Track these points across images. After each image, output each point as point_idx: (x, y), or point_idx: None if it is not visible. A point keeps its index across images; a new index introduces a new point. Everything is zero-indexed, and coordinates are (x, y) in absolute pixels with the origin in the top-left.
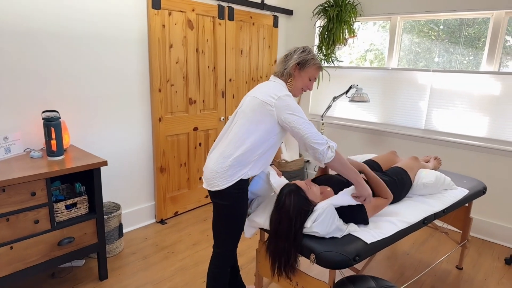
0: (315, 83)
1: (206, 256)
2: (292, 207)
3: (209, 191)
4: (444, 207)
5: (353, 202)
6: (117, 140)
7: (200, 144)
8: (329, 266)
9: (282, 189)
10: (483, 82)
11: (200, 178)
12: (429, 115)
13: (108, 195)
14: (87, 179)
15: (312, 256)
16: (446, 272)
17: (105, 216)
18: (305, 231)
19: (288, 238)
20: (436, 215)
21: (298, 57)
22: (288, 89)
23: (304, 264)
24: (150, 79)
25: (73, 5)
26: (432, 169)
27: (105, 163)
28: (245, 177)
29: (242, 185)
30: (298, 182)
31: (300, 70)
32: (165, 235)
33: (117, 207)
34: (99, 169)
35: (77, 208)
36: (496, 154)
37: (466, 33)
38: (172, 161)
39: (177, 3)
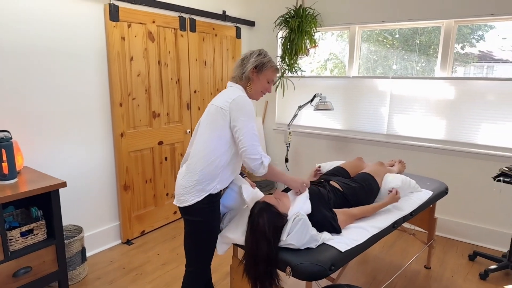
0: (280, 92)
1: (178, 275)
2: (267, 227)
3: (179, 207)
4: (411, 210)
5: (307, 204)
6: (76, 159)
7: (166, 158)
8: (306, 278)
9: (252, 209)
10: (438, 87)
11: (168, 194)
12: (391, 120)
13: (68, 218)
14: (44, 203)
15: (288, 269)
16: (416, 272)
17: (65, 241)
18: (280, 244)
19: (269, 260)
20: (404, 218)
21: (255, 61)
22: (248, 93)
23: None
24: (110, 93)
25: (22, 18)
26: (397, 173)
27: (63, 184)
28: (214, 192)
29: (213, 200)
30: (267, 198)
31: (258, 74)
32: (132, 256)
33: (78, 230)
34: (57, 191)
35: (34, 235)
36: (454, 155)
37: (418, 41)
38: (137, 178)
39: (136, 15)
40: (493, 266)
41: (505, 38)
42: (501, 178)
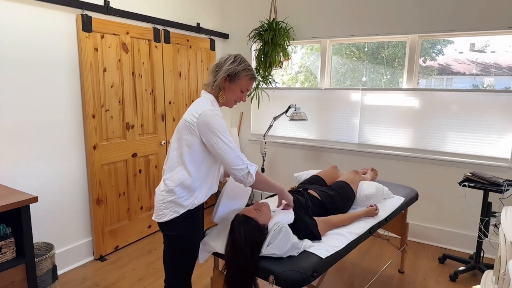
0: (255, 103)
1: None
2: (244, 241)
3: (158, 222)
4: (386, 216)
5: (291, 213)
6: (47, 173)
7: (140, 171)
8: (289, 286)
9: (233, 221)
10: (405, 98)
11: (142, 208)
12: (362, 130)
13: (38, 235)
14: (13, 219)
15: (271, 277)
16: (390, 277)
17: (36, 259)
18: (262, 253)
19: (247, 272)
20: (380, 224)
21: (228, 69)
22: (220, 102)
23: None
24: (83, 105)
25: None
26: (370, 180)
27: (34, 200)
28: (192, 207)
29: (191, 215)
30: (247, 211)
31: (231, 83)
32: (106, 273)
33: (49, 247)
34: (27, 207)
35: (2, 254)
36: (422, 162)
37: (383, 55)
38: (110, 191)
39: (109, 26)
40: (461, 268)
41: (462, 52)
42: (466, 183)
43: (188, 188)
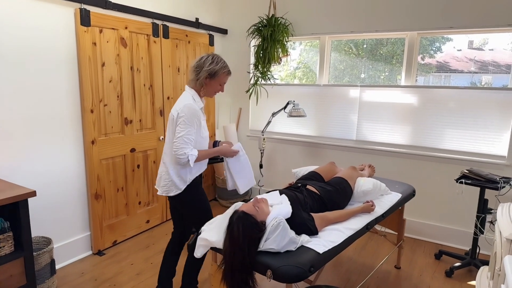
0: (254, 99)
1: (153, 285)
2: (242, 237)
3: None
4: (383, 212)
5: (289, 207)
6: (45, 167)
7: (138, 166)
8: (287, 280)
9: (231, 217)
10: (403, 95)
11: (140, 203)
12: (360, 126)
13: (36, 229)
14: (11, 213)
15: (269, 272)
16: (387, 272)
17: (34, 253)
18: (260, 248)
19: (245, 268)
20: (377, 220)
21: (208, 69)
22: (201, 95)
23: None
24: (81, 100)
25: None
26: (368, 177)
27: (33, 194)
28: (191, 180)
29: (192, 184)
30: (246, 207)
31: (211, 79)
32: (104, 267)
33: (47, 241)
34: (26, 201)
35: (0, 248)
36: (419, 159)
37: (382, 52)
38: (108, 186)
39: (108, 20)
40: (457, 264)
41: (460, 50)
42: (463, 180)
43: (183, 169)
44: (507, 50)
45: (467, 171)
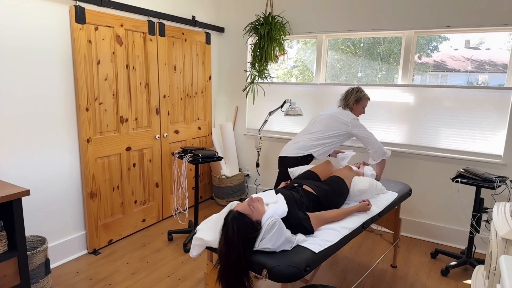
0: (251, 98)
1: (148, 285)
2: (237, 237)
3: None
4: (379, 211)
5: (285, 206)
6: (40, 166)
7: (134, 164)
8: (282, 280)
9: (226, 217)
10: (400, 94)
11: (136, 202)
12: None
13: (30, 228)
14: (5, 213)
15: (265, 272)
16: (383, 271)
17: (28, 253)
18: (256, 247)
19: (239, 269)
20: (373, 219)
21: (355, 97)
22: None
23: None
24: (76, 98)
25: None
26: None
27: (27, 193)
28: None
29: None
30: (241, 206)
31: (357, 104)
32: (100, 267)
33: (42, 240)
34: (19, 200)
35: None
36: (415, 158)
37: (379, 51)
38: (104, 185)
39: (104, 17)
40: (453, 263)
41: (457, 49)
42: (459, 179)
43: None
44: (504, 49)
45: (463, 170)
